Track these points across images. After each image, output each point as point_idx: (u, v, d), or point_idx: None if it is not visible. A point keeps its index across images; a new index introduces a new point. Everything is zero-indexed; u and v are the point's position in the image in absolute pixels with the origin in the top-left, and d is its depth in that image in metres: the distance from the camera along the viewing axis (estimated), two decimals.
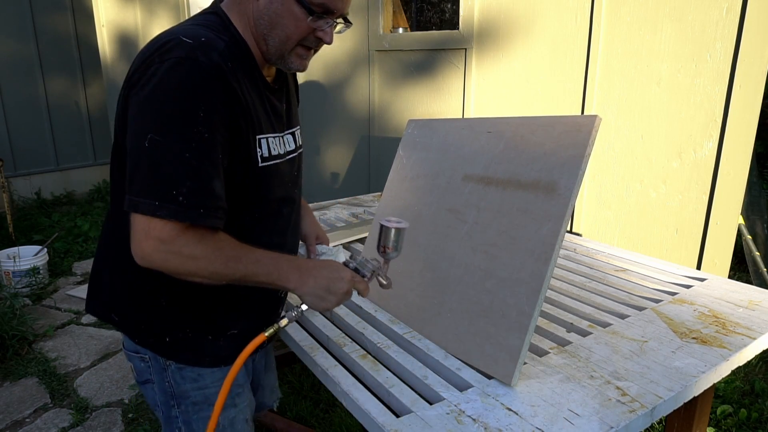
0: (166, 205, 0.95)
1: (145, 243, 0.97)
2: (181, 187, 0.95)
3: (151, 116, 0.96)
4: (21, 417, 2.48)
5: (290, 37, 1.08)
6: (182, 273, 1.01)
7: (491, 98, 2.88)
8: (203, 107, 0.96)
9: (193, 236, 0.99)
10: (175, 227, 0.97)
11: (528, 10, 2.64)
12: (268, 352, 1.55)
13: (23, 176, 5.87)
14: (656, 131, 2.36)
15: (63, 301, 3.66)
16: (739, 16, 2.08)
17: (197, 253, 0.99)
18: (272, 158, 1.16)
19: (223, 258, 1.02)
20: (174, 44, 0.98)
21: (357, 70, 3.45)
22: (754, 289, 1.62)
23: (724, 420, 2.41)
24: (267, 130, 1.14)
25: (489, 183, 1.32)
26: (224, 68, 1.00)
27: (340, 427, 2.36)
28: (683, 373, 1.17)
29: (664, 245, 2.43)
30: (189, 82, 0.96)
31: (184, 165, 0.95)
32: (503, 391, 1.11)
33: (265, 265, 1.06)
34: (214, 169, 0.99)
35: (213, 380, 1.24)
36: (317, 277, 1.08)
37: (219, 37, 1.05)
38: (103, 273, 1.24)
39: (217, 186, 1.01)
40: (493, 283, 1.22)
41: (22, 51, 5.74)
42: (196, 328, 1.19)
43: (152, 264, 0.99)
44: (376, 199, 2.82)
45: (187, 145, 0.95)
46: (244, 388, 1.32)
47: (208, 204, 0.99)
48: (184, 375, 1.22)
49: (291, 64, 1.13)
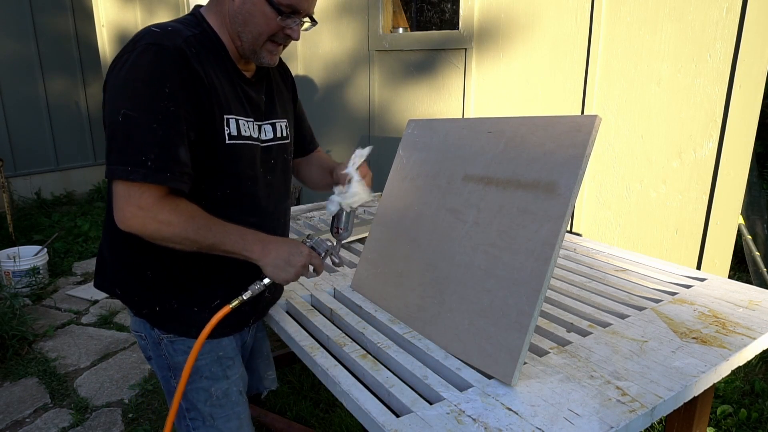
0: (138, 170, 1.07)
1: (126, 209, 1.10)
2: (149, 153, 1.08)
3: (124, 94, 1.10)
4: (21, 417, 2.48)
5: (261, 33, 1.21)
6: (158, 238, 1.13)
7: (491, 98, 2.88)
8: (168, 84, 1.09)
9: (168, 204, 1.12)
10: (152, 195, 1.10)
11: (528, 10, 2.64)
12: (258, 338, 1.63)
13: (23, 176, 5.87)
14: (656, 131, 2.36)
15: (63, 301, 3.66)
16: (739, 16, 2.08)
17: (172, 219, 1.11)
18: (242, 138, 1.25)
19: (194, 226, 1.13)
20: (144, 33, 1.14)
21: (357, 70, 3.45)
22: (754, 289, 1.62)
23: (724, 420, 2.41)
24: (237, 112, 1.25)
25: (489, 183, 1.32)
26: (187, 52, 1.13)
27: (340, 427, 2.36)
28: (683, 373, 1.17)
29: (664, 245, 2.43)
30: (156, 63, 1.10)
31: (153, 134, 1.08)
32: (503, 391, 1.11)
33: (231, 235, 1.18)
34: (179, 139, 1.11)
35: (202, 353, 1.32)
36: (278, 250, 1.20)
37: (188, 29, 1.19)
38: (104, 250, 1.36)
39: (182, 154, 1.12)
40: (493, 283, 1.22)
41: (22, 51, 5.74)
42: (181, 301, 1.29)
43: (131, 228, 1.12)
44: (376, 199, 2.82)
45: (154, 117, 1.08)
46: (235, 360, 1.40)
47: (174, 169, 1.11)
48: (176, 348, 1.33)
49: (262, 58, 1.26)
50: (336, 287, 1.68)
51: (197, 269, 1.28)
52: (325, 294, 1.65)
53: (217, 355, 1.36)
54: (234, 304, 1.22)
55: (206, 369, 1.34)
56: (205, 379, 1.35)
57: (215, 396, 1.36)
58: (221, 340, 1.36)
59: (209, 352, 1.34)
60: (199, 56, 1.16)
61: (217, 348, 1.36)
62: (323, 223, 2.38)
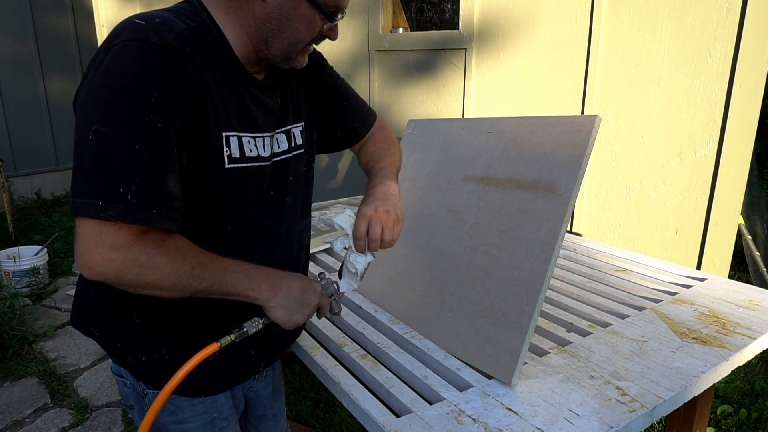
0: (112, 205, 0.82)
1: (95, 251, 0.84)
2: (129, 184, 0.83)
3: (96, 106, 0.85)
4: (21, 417, 2.48)
5: (301, 39, 1.02)
6: (140, 285, 0.88)
7: (491, 98, 2.88)
8: (155, 93, 0.85)
9: (152, 241, 0.87)
10: (131, 231, 0.85)
11: (528, 10, 2.64)
12: (276, 378, 1.39)
13: (23, 176, 5.87)
14: (656, 131, 2.36)
15: (63, 301, 3.66)
16: (739, 16, 2.08)
17: (158, 261, 0.87)
18: (245, 160, 1.02)
19: (187, 265, 0.90)
20: (123, 27, 0.90)
21: (357, 70, 3.45)
22: (754, 289, 1.62)
23: (724, 420, 2.41)
24: (240, 128, 1.02)
25: (489, 183, 1.32)
26: (180, 51, 0.89)
27: (340, 427, 2.36)
28: (683, 373, 1.17)
29: (664, 245, 2.43)
30: (138, 65, 0.85)
31: (134, 159, 0.84)
32: (503, 391, 1.11)
33: (233, 273, 0.96)
34: (168, 164, 0.87)
35: (193, 414, 1.13)
36: (290, 288, 1.01)
37: (182, 21, 0.95)
38: (81, 282, 1.14)
39: (172, 183, 0.88)
40: (493, 283, 1.21)
41: (22, 51, 5.74)
42: (172, 349, 1.07)
43: (103, 276, 0.86)
44: None
45: (137, 136, 0.84)
46: (230, 421, 1.21)
47: (161, 203, 0.86)
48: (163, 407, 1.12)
49: (296, 62, 1.07)
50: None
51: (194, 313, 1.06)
52: None
53: (211, 416, 1.15)
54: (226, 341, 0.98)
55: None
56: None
57: None
58: (216, 398, 1.14)
59: (202, 413, 1.13)
60: (194, 57, 0.92)
61: (212, 408, 1.14)
62: (323, 222, 2.38)
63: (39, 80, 5.89)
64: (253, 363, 1.19)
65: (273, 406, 1.39)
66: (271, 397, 1.37)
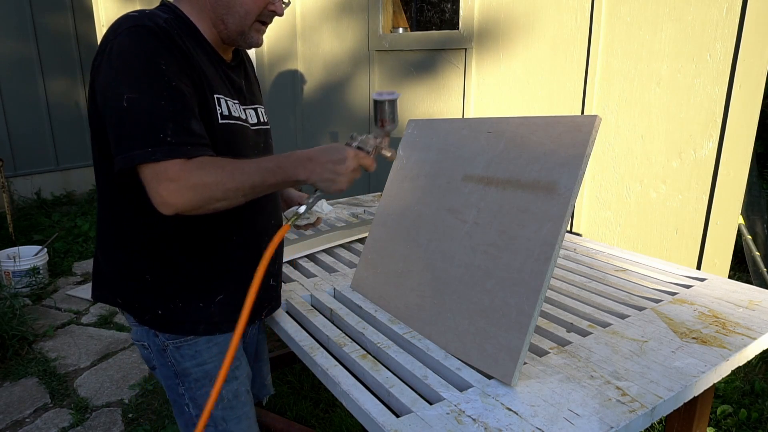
0: (159, 148, 1.03)
1: (161, 188, 1.04)
2: (166, 129, 1.04)
3: (121, 80, 1.05)
4: (21, 417, 2.48)
5: (249, 12, 1.21)
6: (201, 203, 1.07)
7: (491, 98, 2.88)
8: (162, 60, 1.07)
9: (194, 166, 1.06)
10: (176, 163, 1.04)
11: (528, 10, 2.63)
12: (260, 340, 1.59)
13: (23, 176, 5.86)
14: (656, 131, 2.36)
15: (63, 301, 3.66)
16: (739, 16, 2.08)
17: (202, 179, 1.06)
18: (233, 118, 1.23)
19: (228, 174, 1.08)
20: (122, 20, 1.11)
21: (357, 70, 3.45)
22: (754, 289, 1.62)
23: (724, 420, 2.41)
24: (225, 93, 1.22)
25: (489, 183, 1.32)
26: (171, 31, 1.11)
27: (340, 427, 2.36)
28: (683, 373, 1.17)
29: (664, 245, 2.43)
30: (144, 42, 1.07)
31: (162, 111, 1.05)
32: (503, 391, 1.11)
33: (268, 168, 1.12)
34: (188, 111, 1.08)
35: (210, 356, 1.29)
36: (322, 163, 1.15)
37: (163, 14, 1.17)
38: (99, 258, 1.31)
39: (195, 125, 1.09)
40: (493, 283, 1.21)
41: (22, 51, 5.74)
42: (185, 299, 1.25)
43: (175, 206, 1.05)
44: (376, 199, 2.82)
45: (159, 94, 1.05)
46: (242, 360, 1.38)
47: (192, 141, 1.07)
48: (183, 353, 1.28)
49: (250, 39, 1.25)
50: (336, 287, 1.68)
51: (198, 264, 1.25)
52: (325, 294, 1.65)
53: None
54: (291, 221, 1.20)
55: (215, 372, 1.29)
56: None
57: (226, 399, 1.32)
58: (227, 339, 1.31)
59: (218, 354, 1.30)
60: (182, 37, 1.14)
61: (225, 348, 1.31)
62: (323, 222, 2.38)
63: (39, 80, 5.89)
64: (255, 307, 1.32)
65: (263, 351, 1.63)
66: (253, 358, 1.56)
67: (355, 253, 2.03)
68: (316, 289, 1.67)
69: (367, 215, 2.49)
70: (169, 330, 1.27)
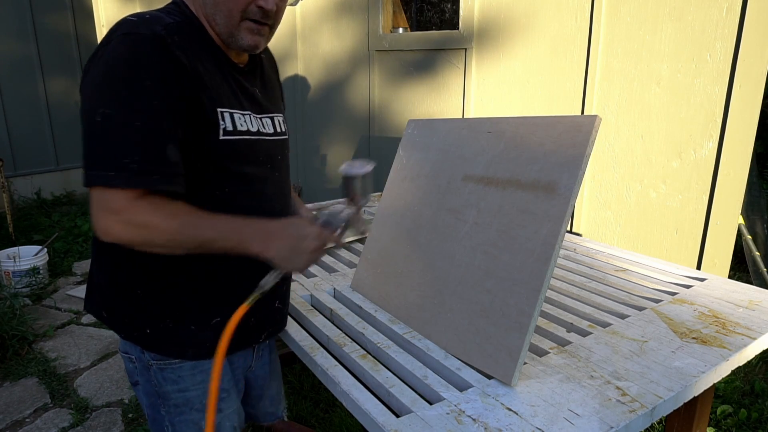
0: (121, 174, 0.97)
1: (101, 215, 0.99)
2: (133, 155, 0.97)
3: (101, 92, 0.99)
4: (21, 417, 2.48)
5: (232, 10, 1.09)
6: (139, 243, 1.02)
7: (491, 98, 2.88)
8: (149, 77, 0.99)
9: (146, 204, 0.99)
10: (125, 196, 0.98)
11: (528, 10, 2.63)
12: (272, 359, 1.50)
13: (23, 176, 5.86)
14: (656, 131, 2.36)
15: (63, 301, 3.66)
16: (739, 16, 2.08)
17: (149, 220, 1.00)
18: (239, 133, 1.14)
19: (177, 224, 1.02)
20: (119, 24, 1.04)
21: (357, 70, 3.45)
22: (754, 289, 1.62)
23: (724, 420, 2.41)
24: (232, 105, 1.14)
25: (489, 183, 1.32)
26: (168, 39, 1.02)
27: (340, 427, 2.36)
28: (683, 373, 1.17)
29: (664, 245, 2.43)
30: (133, 54, 0.99)
31: (136, 133, 0.98)
32: (503, 391, 1.11)
33: (223, 230, 1.04)
34: (166, 137, 1.01)
35: (194, 383, 1.22)
36: (282, 238, 1.06)
37: (169, 16, 1.08)
38: (92, 269, 1.25)
39: (171, 152, 1.01)
40: (493, 283, 1.21)
41: (22, 51, 5.73)
42: (177, 319, 1.17)
43: (113, 236, 1.00)
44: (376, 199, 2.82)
45: (136, 115, 0.98)
46: (230, 393, 1.30)
47: (162, 170, 1.00)
48: (165, 376, 1.21)
49: (242, 41, 1.12)
50: (336, 287, 1.68)
51: (194, 282, 1.16)
52: (325, 294, 1.65)
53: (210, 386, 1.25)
54: (251, 299, 1.07)
55: (197, 400, 1.23)
56: (196, 411, 1.24)
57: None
58: None
59: (201, 382, 1.22)
60: (181, 44, 1.04)
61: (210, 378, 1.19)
62: None
63: (39, 80, 5.88)
64: (253, 331, 1.28)
65: (270, 387, 1.51)
66: (268, 377, 1.48)
67: (355, 253, 2.03)
68: (316, 289, 1.67)
69: (367, 215, 2.49)
70: (155, 350, 1.20)
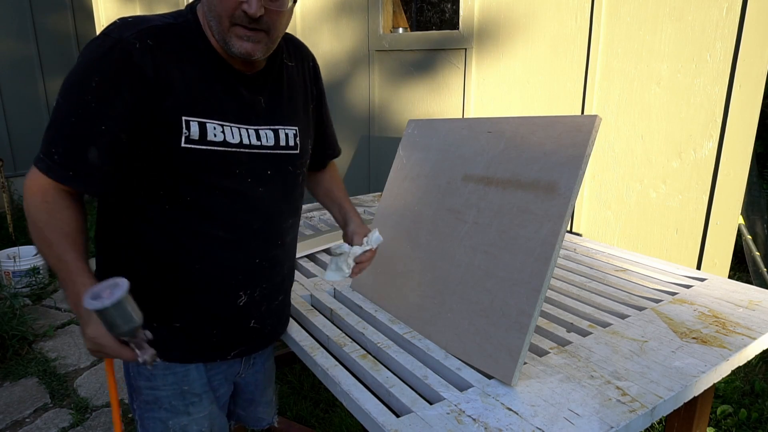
0: (45, 160, 1.02)
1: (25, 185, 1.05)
2: (59, 147, 1.02)
3: (64, 81, 1.04)
4: (21, 417, 2.48)
5: (221, 15, 1.05)
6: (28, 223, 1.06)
7: (491, 98, 2.88)
8: (97, 78, 1.01)
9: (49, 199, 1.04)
10: (43, 179, 1.03)
11: (528, 10, 2.64)
12: (267, 368, 1.47)
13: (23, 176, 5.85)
14: (656, 131, 2.36)
15: (63, 301, 3.66)
16: (739, 16, 2.08)
17: (32, 216, 1.04)
18: (208, 143, 1.09)
19: (38, 234, 1.04)
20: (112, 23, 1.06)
21: (357, 70, 3.45)
22: (754, 289, 1.62)
23: (724, 420, 2.41)
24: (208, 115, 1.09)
25: (489, 183, 1.32)
26: (136, 44, 1.02)
27: (340, 427, 2.36)
28: (683, 373, 1.17)
29: (664, 245, 2.43)
30: (93, 54, 1.03)
31: (67, 127, 1.02)
32: (503, 391, 1.11)
33: (60, 271, 1.04)
34: (94, 138, 1.03)
35: (164, 383, 1.22)
36: (85, 324, 1.00)
37: (161, 20, 1.08)
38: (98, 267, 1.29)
39: (92, 154, 1.03)
40: (493, 283, 1.21)
41: (22, 51, 5.74)
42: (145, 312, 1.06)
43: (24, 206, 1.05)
44: (376, 199, 2.82)
45: (74, 110, 1.01)
46: (202, 398, 1.27)
47: (79, 168, 1.03)
48: (139, 371, 1.23)
49: (233, 47, 1.08)
50: (336, 287, 1.68)
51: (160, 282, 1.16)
52: (325, 294, 1.65)
53: (181, 389, 1.24)
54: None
55: (166, 400, 1.23)
56: (164, 410, 1.24)
57: (172, 430, 1.25)
58: (188, 373, 1.23)
59: (173, 384, 1.22)
60: (153, 49, 1.03)
61: (183, 382, 1.23)
62: (323, 223, 2.38)
63: (39, 80, 5.89)
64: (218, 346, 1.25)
65: (264, 394, 1.48)
66: (262, 385, 1.46)
67: None
68: (316, 289, 1.67)
69: (367, 215, 2.49)
70: None
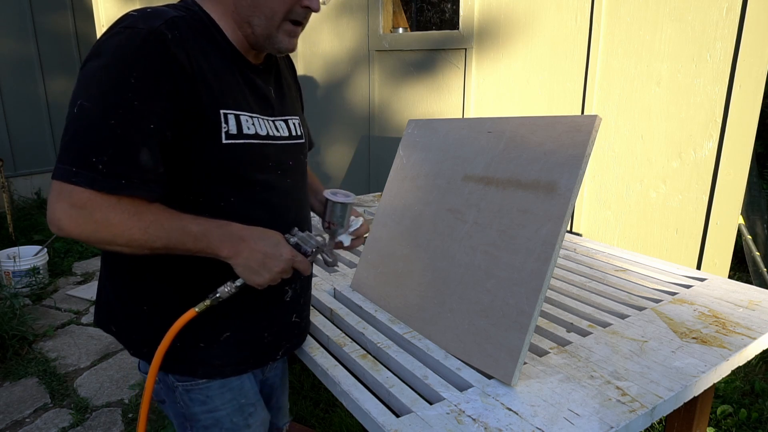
0: (83, 173, 0.90)
1: (57, 206, 0.91)
2: (102, 154, 0.91)
3: (84, 83, 0.94)
4: (21, 417, 2.48)
5: (276, 11, 1.04)
6: (97, 241, 0.95)
7: (491, 98, 2.88)
8: (135, 74, 0.92)
9: (108, 201, 0.93)
10: (88, 193, 0.91)
11: (528, 10, 2.63)
12: (284, 370, 1.45)
13: (23, 176, 5.86)
14: (656, 131, 2.36)
15: (63, 301, 3.66)
16: (739, 16, 2.08)
17: (111, 218, 0.92)
18: (244, 137, 1.07)
19: (141, 223, 0.95)
20: (121, 19, 0.98)
21: (357, 69, 3.45)
22: (754, 289, 1.62)
23: (724, 420, 2.41)
24: (239, 107, 1.07)
25: (489, 183, 1.32)
26: (166, 35, 0.95)
27: (340, 427, 2.36)
28: (683, 373, 1.17)
29: (664, 245, 2.43)
30: (124, 48, 0.93)
31: (108, 131, 0.91)
32: (503, 391, 1.11)
33: (191, 233, 0.98)
34: (143, 139, 0.93)
35: (222, 402, 1.18)
36: (253, 250, 1.02)
37: (175, 11, 1.02)
38: (101, 279, 1.20)
39: (145, 156, 0.94)
40: (493, 283, 1.21)
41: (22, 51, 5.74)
42: (183, 336, 1.09)
43: (65, 231, 0.92)
44: (376, 199, 2.81)
45: (113, 112, 0.91)
46: (257, 406, 1.25)
47: (132, 174, 0.93)
48: (192, 397, 1.16)
49: (280, 43, 1.08)
50: (336, 287, 1.68)
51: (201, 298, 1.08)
52: (325, 294, 1.65)
53: (239, 403, 1.20)
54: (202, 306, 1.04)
55: (227, 420, 1.19)
56: (225, 430, 1.20)
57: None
58: (242, 384, 1.19)
59: (231, 400, 1.18)
60: (183, 40, 0.97)
61: (240, 395, 1.19)
62: None
63: (39, 80, 5.89)
64: (268, 347, 1.23)
65: (280, 399, 1.46)
66: (279, 389, 1.44)
67: (355, 253, 2.03)
68: (316, 289, 1.67)
69: (367, 215, 2.49)
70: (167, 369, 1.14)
